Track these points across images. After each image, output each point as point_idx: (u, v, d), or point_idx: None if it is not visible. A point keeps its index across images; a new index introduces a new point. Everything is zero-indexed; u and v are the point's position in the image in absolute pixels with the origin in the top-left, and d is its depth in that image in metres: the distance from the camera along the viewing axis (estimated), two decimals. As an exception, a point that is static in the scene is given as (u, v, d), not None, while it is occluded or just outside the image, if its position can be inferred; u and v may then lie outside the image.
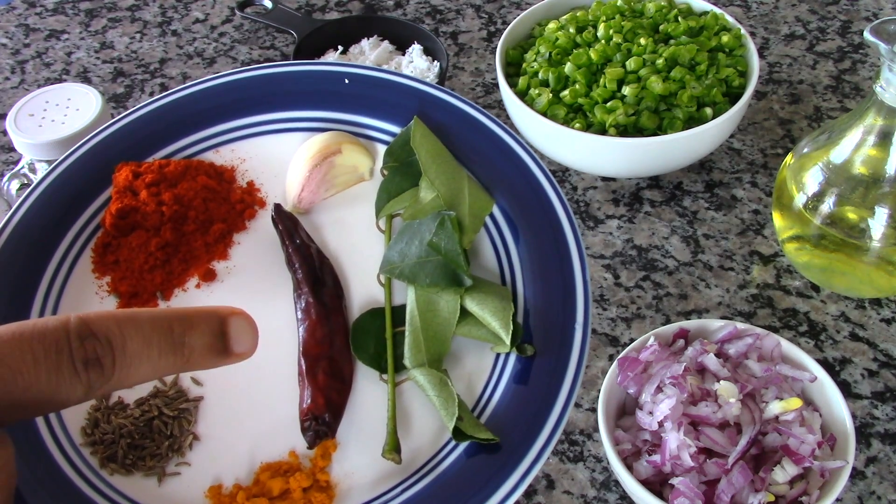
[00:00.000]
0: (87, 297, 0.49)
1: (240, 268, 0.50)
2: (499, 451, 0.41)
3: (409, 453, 0.42)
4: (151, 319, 0.28)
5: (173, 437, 0.44)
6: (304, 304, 0.46)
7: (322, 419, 0.42)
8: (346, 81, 0.54)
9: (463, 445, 0.42)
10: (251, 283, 0.49)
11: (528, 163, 0.49)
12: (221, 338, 0.29)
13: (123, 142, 0.53)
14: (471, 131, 0.51)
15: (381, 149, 0.53)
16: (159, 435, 0.44)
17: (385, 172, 0.52)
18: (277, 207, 0.51)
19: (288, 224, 0.50)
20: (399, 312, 0.47)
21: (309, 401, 0.43)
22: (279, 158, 0.53)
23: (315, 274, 0.47)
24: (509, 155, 0.50)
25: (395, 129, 0.53)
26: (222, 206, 0.52)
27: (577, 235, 0.46)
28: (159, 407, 0.45)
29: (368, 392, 0.45)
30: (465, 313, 0.45)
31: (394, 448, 0.42)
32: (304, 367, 0.44)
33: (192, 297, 0.49)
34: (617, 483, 0.58)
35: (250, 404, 0.45)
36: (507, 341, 0.43)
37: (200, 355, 0.29)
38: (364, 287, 0.48)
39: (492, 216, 0.48)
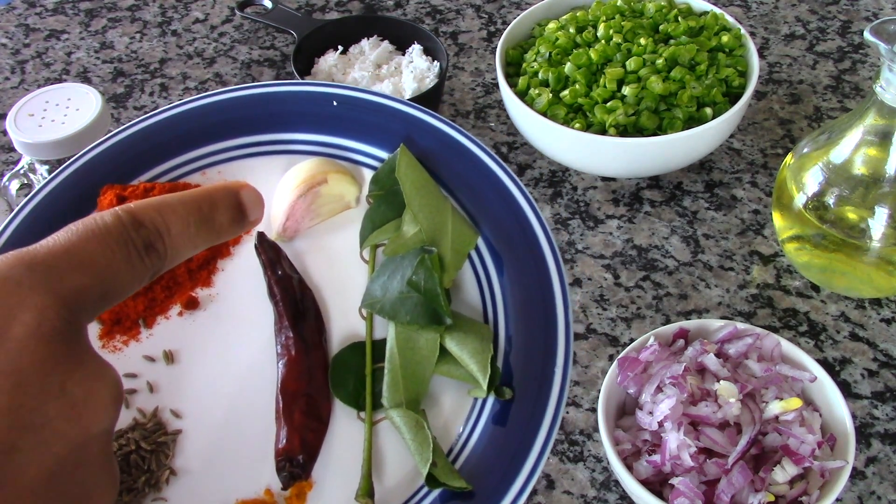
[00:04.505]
0: None
1: (223, 296, 0.49)
2: (473, 498, 0.40)
3: (383, 494, 0.42)
4: (182, 203, 0.33)
5: (150, 472, 0.43)
6: (283, 339, 0.45)
7: (296, 461, 0.41)
8: (335, 104, 0.53)
9: (437, 491, 0.41)
10: (233, 313, 0.48)
11: (515, 194, 0.48)
12: (239, 209, 0.35)
13: (109, 164, 0.52)
14: (458, 158, 0.50)
15: (368, 174, 0.52)
16: (136, 469, 0.43)
17: (370, 201, 0.51)
18: (261, 236, 0.49)
19: (271, 254, 0.48)
20: (380, 347, 0.46)
21: (284, 441, 0.42)
22: (266, 181, 0.52)
23: (296, 307, 0.46)
24: (496, 185, 0.48)
25: (383, 153, 0.52)
26: None
27: (561, 273, 0.45)
28: (137, 441, 0.43)
29: (346, 430, 0.44)
30: (444, 352, 0.44)
31: (367, 493, 0.41)
32: (281, 405, 0.43)
33: (175, 325, 0.48)
34: (617, 483, 0.58)
35: (229, 439, 0.44)
36: (484, 386, 0.42)
37: (228, 227, 0.34)
38: (345, 319, 0.47)
39: (476, 247, 0.47)
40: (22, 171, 0.67)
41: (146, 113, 0.88)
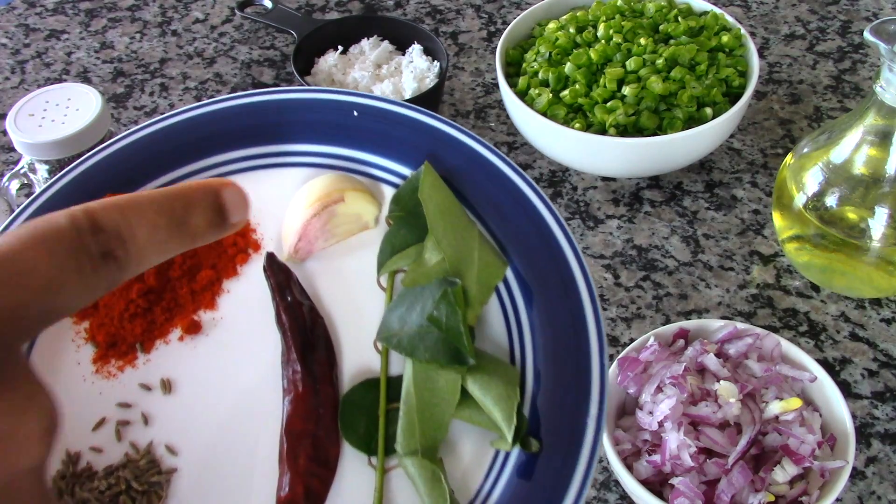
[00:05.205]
0: (63, 343, 0.44)
1: (228, 320, 0.45)
2: None
3: None
4: (152, 203, 0.28)
5: None
6: (290, 373, 0.42)
7: None
8: (355, 114, 0.49)
9: None
10: (238, 340, 0.44)
11: (548, 219, 0.43)
12: (219, 211, 0.30)
13: (109, 172, 0.48)
14: (487, 178, 0.45)
15: (388, 191, 0.48)
16: None
17: (390, 222, 0.47)
18: (270, 258, 0.45)
19: (280, 278, 0.45)
20: (395, 384, 0.41)
21: (287, 489, 0.38)
22: (278, 196, 0.48)
23: (306, 337, 0.43)
24: (527, 209, 0.44)
25: (405, 170, 0.48)
26: (213, 250, 0.47)
27: (596, 311, 0.40)
28: (128, 480, 0.40)
29: (354, 478, 0.40)
30: (466, 395, 0.40)
31: None
32: (285, 448, 0.40)
33: (174, 350, 0.44)
34: (617, 483, 0.58)
35: (227, 481, 0.40)
36: (509, 438, 0.38)
37: (205, 231, 0.30)
38: (359, 352, 0.43)
39: (504, 277, 0.43)
40: (22, 171, 0.67)
41: (146, 112, 0.88)
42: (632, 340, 0.63)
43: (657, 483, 0.53)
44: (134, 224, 0.27)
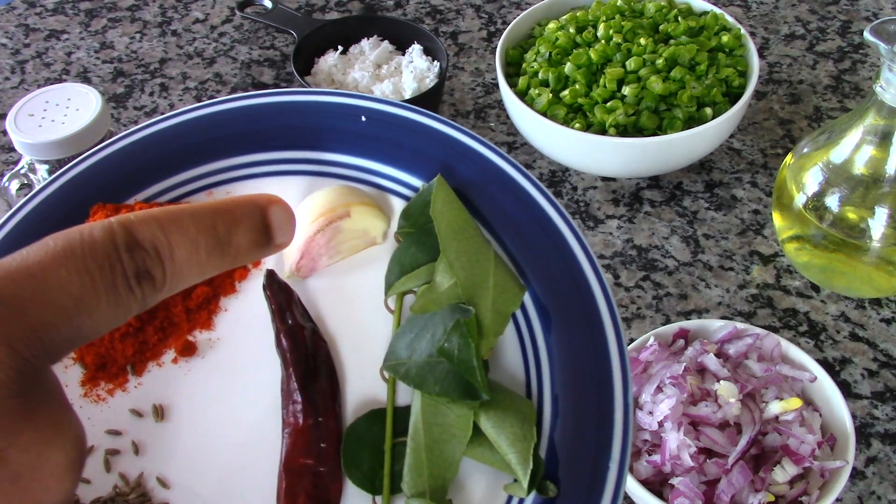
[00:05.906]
0: None
1: (224, 341, 0.42)
2: None
3: None
4: (195, 219, 0.26)
5: None
6: (290, 404, 0.39)
7: None
8: (363, 119, 0.46)
9: None
10: (236, 363, 0.42)
11: (569, 239, 0.40)
12: (265, 231, 0.28)
13: (101, 178, 0.45)
14: (504, 193, 0.42)
15: (397, 203, 0.45)
16: None
17: (399, 239, 0.44)
18: (270, 276, 0.42)
19: (281, 298, 0.42)
20: (403, 415, 0.39)
21: None
22: None
23: (307, 365, 0.40)
24: (548, 227, 0.41)
25: (416, 181, 0.44)
26: None
27: (620, 343, 0.37)
28: None
29: None
30: (478, 431, 0.37)
31: None
32: (283, 486, 0.37)
33: (168, 374, 0.41)
34: (617, 483, 0.58)
35: None
36: (525, 484, 0.35)
37: (246, 252, 0.28)
38: (364, 380, 0.40)
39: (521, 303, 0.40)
40: (22, 171, 0.67)
41: (146, 113, 0.88)
42: (632, 340, 0.63)
43: (657, 483, 0.53)
44: (174, 242, 0.25)
